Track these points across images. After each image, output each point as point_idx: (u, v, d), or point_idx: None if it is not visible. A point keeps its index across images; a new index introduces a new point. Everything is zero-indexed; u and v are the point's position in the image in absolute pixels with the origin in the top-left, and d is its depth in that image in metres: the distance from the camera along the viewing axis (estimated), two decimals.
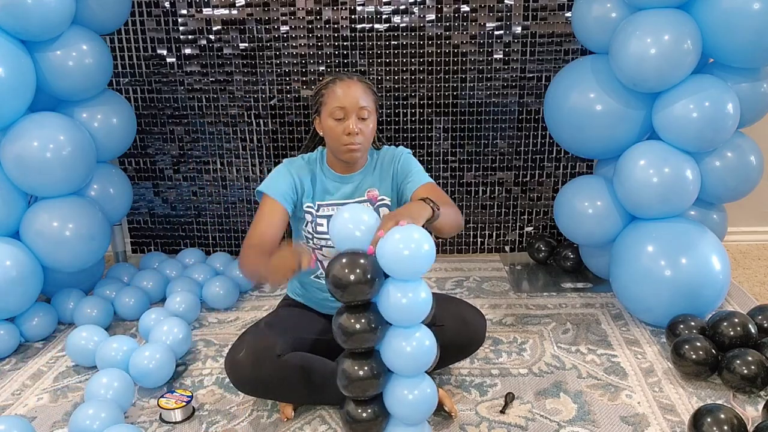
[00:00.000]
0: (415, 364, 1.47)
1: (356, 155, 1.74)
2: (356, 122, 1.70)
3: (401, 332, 1.46)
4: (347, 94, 1.71)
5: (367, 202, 1.84)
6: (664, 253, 2.10)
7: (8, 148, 2.14)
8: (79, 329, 2.11)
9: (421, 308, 1.44)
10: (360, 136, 1.71)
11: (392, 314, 1.44)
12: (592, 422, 1.74)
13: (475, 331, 1.83)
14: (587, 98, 2.23)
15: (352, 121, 1.70)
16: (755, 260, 2.88)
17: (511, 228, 3.00)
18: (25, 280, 2.14)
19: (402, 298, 1.41)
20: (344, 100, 1.70)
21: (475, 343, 1.85)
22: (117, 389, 1.80)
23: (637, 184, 2.12)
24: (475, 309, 1.87)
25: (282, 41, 2.76)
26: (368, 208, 1.52)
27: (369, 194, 1.84)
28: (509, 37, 2.73)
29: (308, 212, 1.81)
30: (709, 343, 1.91)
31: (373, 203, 1.84)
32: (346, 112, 1.70)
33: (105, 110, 2.44)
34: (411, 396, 1.49)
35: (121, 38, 2.79)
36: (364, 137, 1.72)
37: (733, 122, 2.09)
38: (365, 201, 1.84)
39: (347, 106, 1.70)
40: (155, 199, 3.01)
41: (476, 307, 1.88)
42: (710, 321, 2.04)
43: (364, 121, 1.72)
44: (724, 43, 2.03)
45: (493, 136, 2.87)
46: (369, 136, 1.75)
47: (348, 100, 1.70)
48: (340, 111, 1.70)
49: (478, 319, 1.85)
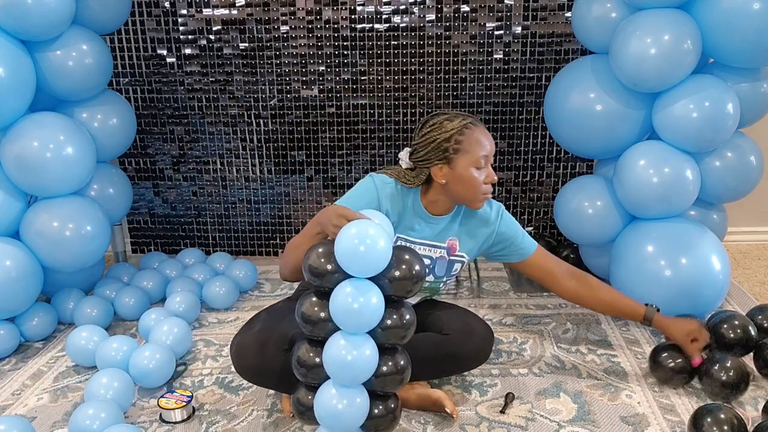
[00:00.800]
0: (352, 373, 1.41)
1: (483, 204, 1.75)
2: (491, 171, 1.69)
3: (345, 339, 1.40)
4: (489, 143, 1.68)
5: (445, 250, 1.81)
6: (664, 253, 2.10)
7: (8, 148, 2.14)
8: (79, 329, 2.11)
9: (372, 315, 1.38)
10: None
11: (341, 318, 1.39)
12: (592, 422, 1.74)
13: (480, 342, 1.81)
14: (587, 98, 2.23)
15: (489, 169, 1.69)
16: (755, 260, 2.88)
17: None
18: (25, 280, 2.14)
19: (353, 302, 1.35)
20: (488, 148, 1.68)
21: (480, 354, 1.83)
22: (117, 389, 1.80)
23: (637, 184, 2.12)
24: (483, 322, 1.86)
25: (282, 41, 2.76)
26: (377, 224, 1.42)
27: (449, 242, 1.81)
28: (509, 37, 2.73)
29: None
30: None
31: (450, 254, 1.82)
32: (486, 161, 1.68)
33: (105, 110, 2.44)
34: (340, 406, 1.43)
35: (121, 38, 2.79)
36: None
37: (733, 122, 2.09)
38: (443, 248, 1.80)
39: (489, 154, 1.68)
40: (155, 199, 3.01)
41: (485, 321, 1.87)
42: (710, 322, 2.04)
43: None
44: (724, 43, 2.03)
45: (493, 136, 2.85)
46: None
47: (490, 149, 1.68)
48: (484, 159, 1.67)
49: (485, 332, 1.83)
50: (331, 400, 1.43)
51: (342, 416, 1.43)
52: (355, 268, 1.37)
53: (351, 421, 1.45)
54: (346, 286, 1.38)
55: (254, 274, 2.66)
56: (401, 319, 1.44)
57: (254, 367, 1.71)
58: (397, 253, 1.43)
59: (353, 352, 1.38)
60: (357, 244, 1.33)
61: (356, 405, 1.44)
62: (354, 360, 1.39)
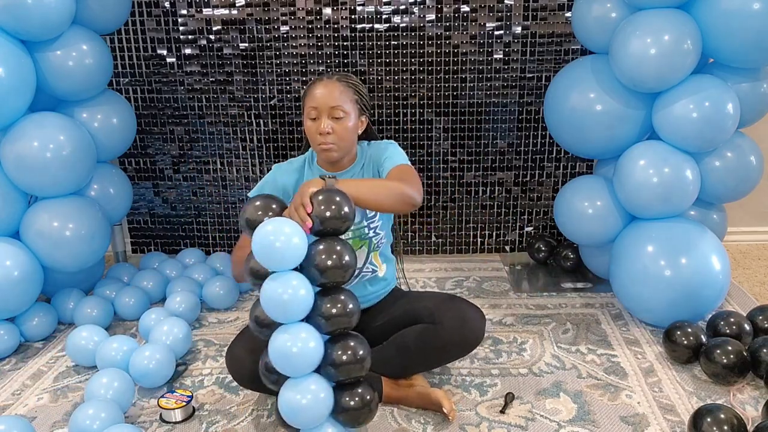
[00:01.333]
0: (298, 364, 1.43)
1: (331, 155, 1.76)
2: (328, 122, 1.72)
3: (284, 330, 1.42)
4: (321, 94, 1.73)
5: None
6: (664, 253, 2.10)
7: (8, 148, 2.14)
8: (79, 329, 2.11)
9: (301, 305, 1.41)
10: (333, 135, 1.72)
11: (271, 310, 1.41)
12: (592, 422, 1.74)
13: (473, 330, 1.81)
14: (587, 98, 2.23)
15: (323, 121, 1.72)
16: (755, 260, 2.88)
17: (511, 228, 3.00)
18: (25, 280, 2.14)
19: (283, 294, 1.38)
20: (317, 100, 1.73)
21: (473, 341, 1.83)
22: (117, 389, 1.80)
23: (637, 184, 2.12)
24: (474, 307, 1.86)
25: (282, 41, 2.76)
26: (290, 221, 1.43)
27: None
28: (509, 37, 2.73)
29: None
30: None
31: None
32: (318, 112, 1.73)
33: (105, 110, 2.44)
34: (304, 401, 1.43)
35: (121, 38, 2.79)
36: (337, 137, 1.73)
37: (733, 122, 2.09)
38: None
39: (319, 105, 1.73)
40: (155, 199, 3.01)
41: (476, 305, 1.87)
42: (709, 321, 2.04)
43: (338, 120, 1.73)
44: (724, 43, 2.03)
45: (493, 136, 2.87)
46: (344, 136, 1.74)
47: (321, 100, 1.72)
48: (313, 111, 1.74)
49: (477, 318, 1.83)
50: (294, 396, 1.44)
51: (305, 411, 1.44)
52: (273, 263, 1.40)
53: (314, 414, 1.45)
54: (272, 280, 1.40)
55: None
56: (344, 307, 1.46)
57: (251, 374, 1.71)
58: (319, 245, 1.44)
59: (293, 341, 1.40)
60: (272, 240, 1.36)
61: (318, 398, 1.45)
62: (296, 349, 1.40)
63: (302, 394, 1.44)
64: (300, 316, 1.44)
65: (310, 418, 1.46)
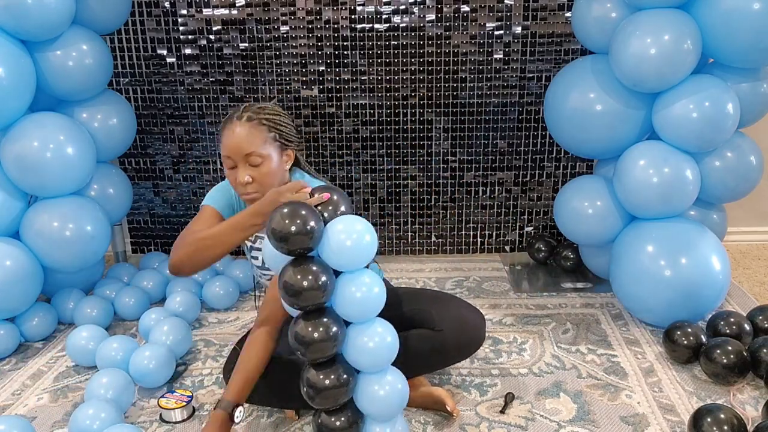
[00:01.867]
0: (380, 359, 1.46)
1: (256, 200, 1.61)
2: (246, 170, 1.58)
3: (361, 329, 1.44)
4: (231, 142, 1.58)
5: None
6: (664, 253, 2.10)
7: (8, 148, 2.14)
8: (79, 329, 2.11)
9: (376, 302, 1.43)
10: (254, 184, 1.59)
11: (348, 311, 1.42)
12: (591, 422, 1.74)
13: (474, 333, 1.81)
14: (587, 98, 2.23)
15: (241, 170, 1.59)
16: (755, 260, 2.88)
17: (511, 228, 3.00)
18: (25, 280, 2.15)
19: (356, 292, 1.39)
20: (229, 149, 1.59)
21: (475, 344, 1.84)
22: (117, 389, 1.81)
23: (636, 184, 2.12)
24: (474, 309, 1.86)
25: (282, 41, 2.76)
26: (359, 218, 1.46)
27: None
28: (509, 37, 2.73)
29: (245, 245, 1.82)
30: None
31: None
32: (234, 162, 1.60)
33: (105, 110, 2.44)
34: (382, 392, 1.47)
35: (121, 38, 2.79)
36: (258, 184, 1.60)
37: (733, 122, 2.09)
38: None
39: (232, 155, 1.59)
40: (155, 199, 3.01)
41: (475, 307, 1.87)
42: (709, 321, 2.04)
43: (256, 167, 1.59)
44: (724, 43, 2.03)
45: (493, 136, 2.86)
46: (266, 181, 1.61)
47: (232, 149, 1.58)
48: (228, 160, 1.60)
49: (478, 320, 1.83)
50: (372, 387, 1.47)
51: (387, 401, 1.49)
52: (344, 262, 1.41)
53: (398, 400, 1.50)
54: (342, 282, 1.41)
55: None
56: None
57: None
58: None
59: (375, 339, 1.44)
60: (344, 239, 1.37)
61: (396, 388, 1.50)
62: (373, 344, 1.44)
63: (389, 385, 1.48)
64: (375, 314, 1.47)
65: (397, 405, 1.50)
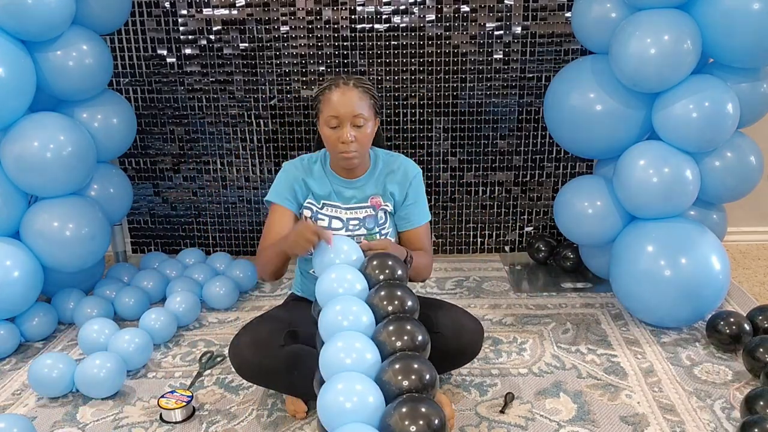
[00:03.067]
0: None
1: (353, 162, 1.76)
2: (351, 130, 1.71)
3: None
4: (342, 102, 1.70)
5: (371, 208, 1.85)
6: (664, 253, 2.10)
7: (8, 148, 2.14)
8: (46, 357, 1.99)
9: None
10: (355, 143, 1.72)
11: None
12: (591, 422, 1.74)
13: (471, 340, 1.81)
14: (587, 98, 2.23)
15: (347, 129, 1.70)
16: (755, 260, 2.88)
17: (511, 228, 3.00)
18: (25, 280, 2.14)
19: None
20: (339, 109, 1.70)
21: (470, 352, 1.83)
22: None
23: (636, 184, 2.12)
24: (472, 317, 1.86)
25: (282, 41, 2.76)
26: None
27: (372, 201, 1.86)
28: (509, 37, 2.73)
29: (309, 207, 1.85)
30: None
31: (376, 210, 1.85)
32: (340, 121, 1.71)
33: (105, 110, 2.44)
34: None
35: (121, 38, 2.79)
36: (359, 145, 1.73)
37: (733, 122, 2.09)
38: (369, 207, 1.85)
39: (341, 114, 1.70)
40: (155, 199, 3.01)
41: (474, 316, 1.87)
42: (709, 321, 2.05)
43: (359, 128, 1.72)
44: (724, 43, 2.03)
45: (493, 136, 2.86)
46: (365, 143, 1.75)
47: (342, 109, 1.70)
48: (334, 120, 1.71)
49: (475, 328, 1.83)
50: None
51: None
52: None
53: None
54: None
55: (254, 274, 2.66)
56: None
57: (253, 366, 1.72)
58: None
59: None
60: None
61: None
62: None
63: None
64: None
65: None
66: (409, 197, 1.86)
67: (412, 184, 1.86)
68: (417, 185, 1.88)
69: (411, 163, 1.90)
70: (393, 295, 1.50)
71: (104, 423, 1.81)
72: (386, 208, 1.87)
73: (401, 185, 1.86)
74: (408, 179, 1.86)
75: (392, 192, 1.86)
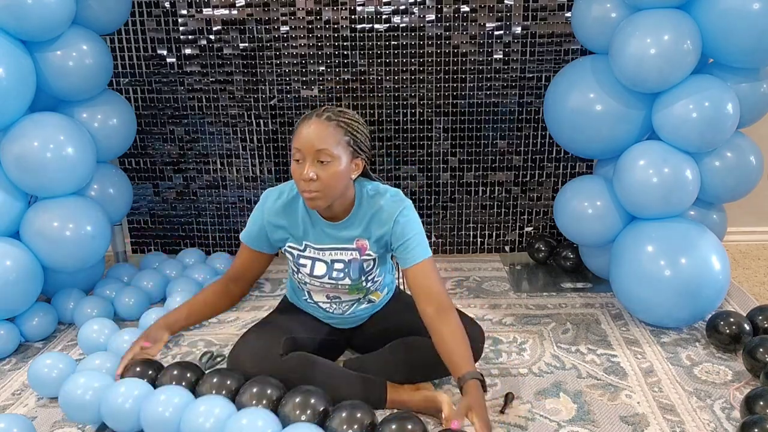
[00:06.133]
0: None
1: (316, 203, 1.61)
2: (311, 167, 1.56)
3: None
4: (306, 134, 1.56)
5: (357, 251, 1.76)
6: (664, 253, 2.10)
7: (8, 148, 2.14)
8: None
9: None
10: (317, 182, 1.57)
11: None
12: (591, 422, 1.74)
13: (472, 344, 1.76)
14: (587, 98, 2.23)
15: (307, 165, 1.56)
16: (755, 260, 2.88)
17: (511, 228, 3.00)
18: (25, 280, 2.14)
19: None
20: (302, 141, 1.57)
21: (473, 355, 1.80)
22: None
23: (636, 184, 2.12)
24: (470, 320, 1.85)
25: (282, 41, 2.76)
26: None
27: (358, 243, 1.75)
28: (509, 37, 2.73)
29: (290, 252, 1.80)
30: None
31: (361, 254, 1.76)
32: (302, 155, 1.57)
33: (105, 110, 2.44)
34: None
35: (121, 38, 2.79)
36: (322, 184, 1.57)
37: (733, 122, 2.09)
38: (354, 250, 1.76)
39: (303, 148, 1.57)
40: (155, 199, 3.01)
41: (472, 318, 1.86)
42: (709, 321, 2.04)
43: (324, 165, 1.57)
44: (724, 43, 2.03)
45: (493, 136, 2.87)
46: (330, 183, 1.58)
47: (305, 142, 1.56)
48: (297, 152, 1.58)
49: (474, 331, 1.80)
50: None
51: None
52: None
53: None
54: None
55: None
56: None
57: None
58: None
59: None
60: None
61: None
62: None
63: None
64: None
65: None
66: (394, 237, 1.71)
67: (396, 224, 1.70)
68: (404, 224, 1.70)
69: (395, 201, 1.72)
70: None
71: None
72: (371, 257, 1.76)
73: (387, 226, 1.71)
74: (392, 218, 1.70)
75: (379, 236, 1.73)
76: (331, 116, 1.60)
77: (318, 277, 1.79)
